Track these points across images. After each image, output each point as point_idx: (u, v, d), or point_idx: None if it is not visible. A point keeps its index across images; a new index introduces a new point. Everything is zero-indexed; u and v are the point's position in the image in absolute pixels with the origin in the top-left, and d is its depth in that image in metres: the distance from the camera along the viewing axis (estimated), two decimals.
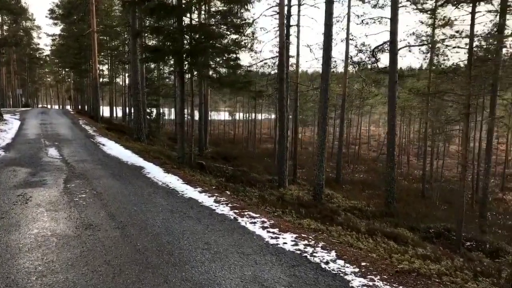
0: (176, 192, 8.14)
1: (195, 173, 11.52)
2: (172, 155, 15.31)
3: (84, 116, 32.36)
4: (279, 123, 16.46)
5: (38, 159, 11.95)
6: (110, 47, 40.31)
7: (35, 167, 10.62)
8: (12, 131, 19.22)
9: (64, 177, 9.41)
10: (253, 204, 7.56)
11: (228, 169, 14.82)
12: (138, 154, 13.59)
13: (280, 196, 11.15)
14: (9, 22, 50.22)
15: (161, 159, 12.74)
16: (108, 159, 12.37)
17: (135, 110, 19.77)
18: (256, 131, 45.12)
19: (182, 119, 12.93)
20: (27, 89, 62.01)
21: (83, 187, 8.32)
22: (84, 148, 14.75)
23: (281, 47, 15.27)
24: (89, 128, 22.43)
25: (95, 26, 28.37)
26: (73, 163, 11.41)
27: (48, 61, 62.52)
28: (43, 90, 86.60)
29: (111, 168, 10.78)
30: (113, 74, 48.95)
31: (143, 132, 19.82)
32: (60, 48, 45.62)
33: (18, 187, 8.21)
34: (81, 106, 53.36)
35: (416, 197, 20.79)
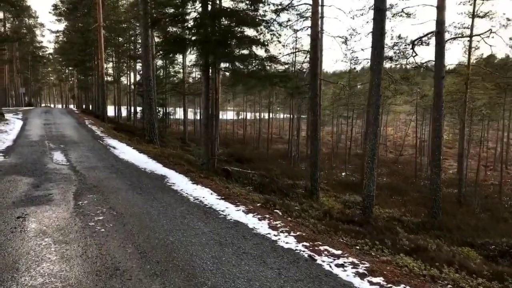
0: (215, 212, 6.48)
1: (226, 183, 9.87)
2: (191, 159, 13.69)
3: (90, 116, 30.77)
4: (312, 124, 14.80)
5: (42, 165, 10.33)
6: (115, 43, 38.66)
7: (39, 176, 9.00)
8: (13, 132, 17.63)
9: (74, 190, 7.77)
10: (322, 232, 5.90)
11: (255, 176, 13.16)
12: (155, 159, 11.96)
13: (325, 211, 9.50)
14: (12, 19, 48.65)
15: (183, 166, 11.10)
16: (123, 166, 10.74)
17: (146, 109, 18.15)
18: (269, 131, 43.35)
19: (207, 119, 11.28)
20: (30, 88, 60.55)
21: (98, 205, 6.68)
22: (93, 151, 13.12)
23: (314, 38, 13.63)
24: (96, 129, 20.83)
25: (102, 20, 26.75)
26: (82, 170, 9.78)
27: (51, 59, 61.08)
28: (46, 89, 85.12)
29: (128, 178, 9.14)
30: (118, 73, 47.36)
31: (155, 133, 18.20)
32: (64, 45, 44.10)
33: (18, 205, 6.58)
34: (86, 105, 51.85)
35: (452, 204, 19.10)
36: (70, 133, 18.18)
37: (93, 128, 21.05)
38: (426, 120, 40.20)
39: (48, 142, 14.81)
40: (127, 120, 47.88)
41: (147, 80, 17.85)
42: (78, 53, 35.17)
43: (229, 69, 10.84)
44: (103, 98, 28.17)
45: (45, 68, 68.44)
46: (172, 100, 55.75)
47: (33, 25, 55.92)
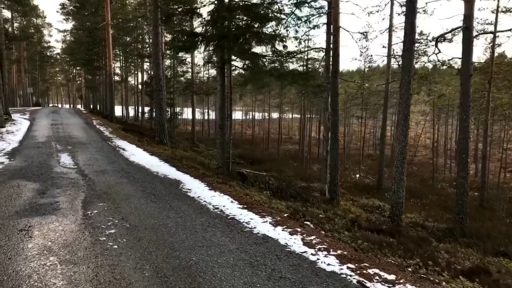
0: (239, 225, 5.80)
1: (244, 188, 9.19)
2: (204, 162, 13.04)
3: (97, 116, 30.28)
4: (332, 124, 14.07)
5: (49, 169, 9.73)
6: (123, 43, 38.12)
7: (45, 181, 8.38)
8: (20, 133, 17.11)
9: (83, 197, 7.13)
10: (365, 250, 5.19)
11: (271, 179, 12.47)
12: (167, 162, 11.31)
13: (352, 220, 8.79)
14: (20, 19, 48.38)
15: (197, 169, 10.44)
16: (134, 169, 10.10)
17: (157, 109, 17.53)
18: (279, 131, 42.56)
19: (223, 120, 10.60)
20: (37, 88, 60.36)
21: (109, 215, 6.03)
22: (102, 153, 12.51)
23: (334, 34, 12.91)
24: (104, 129, 20.27)
25: (110, 18, 26.20)
26: (91, 174, 9.16)
27: (58, 59, 60.88)
28: (53, 89, 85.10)
29: (140, 183, 8.49)
30: (126, 72, 46.90)
31: (165, 134, 17.56)
32: (72, 44, 43.73)
33: (22, 215, 5.95)
34: (93, 105, 51.49)
35: (476, 209, 18.25)
36: (78, 134, 17.61)
37: (101, 129, 20.49)
38: (441, 121, 39.27)
39: (55, 144, 14.24)
40: (135, 120, 47.42)
41: (157, 79, 17.22)
42: (86, 52, 34.70)
43: (248, 67, 10.13)
44: (111, 98, 27.62)
45: (53, 68, 68.33)
46: (179, 100, 55.21)
47: (41, 24, 55.69)
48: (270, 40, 9.83)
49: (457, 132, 42.46)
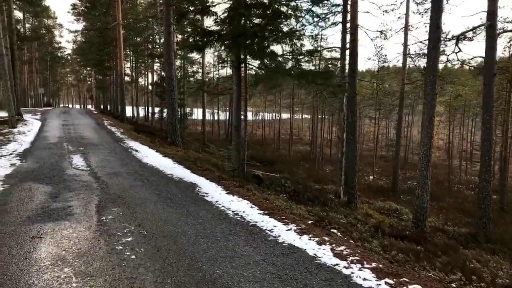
0: (262, 233, 5.47)
1: (261, 192, 8.86)
2: (219, 164, 12.73)
3: (108, 116, 30.20)
4: (349, 126, 13.68)
5: (61, 171, 9.49)
6: (133, 43, 38.02)
7: (57, 183, 8.13)
8: (31, 134, 16.98)
9: (96, 201, 6.86)
10: (401, 262, 4.83)
11: (287, 182, 12.11)
12: (181, 164, 11.02)
13: (375, 226, 8.40)
14: (31, 20, 48.60)
15: (212, 172, 10.14)
16: (147, 171, 9.82)
17: (169, 110, 17.27)
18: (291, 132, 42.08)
19: (239, 121, 10.26)
20: (48, 88, 60.68)
21: (125, 221, 5.74)
22: (115, 155, 12.27)
23: (353, 32, 12.52)
24: (116, 130, 20.08)
25: (121, 18, 26.06)
26: (104, 177, 8.89)
27: (69, 60, 61.17)
28: (64, 89, 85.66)
29: (154, 186, 8.21)
30: (136, 73, 46.87)
31: (177, 135, 17.30)
32: (82, 45, 43.83)
33: (34, 221, 5.68)
34: (103, 106, 51.58)
35: (496, 213, 17.67)
36: (90, 134, 17.43)
37: (113, 129, 20.31)
38: (455, 121, 38.50)
39: (67, 145, 14.05)
40: (145, 121, 47.39)
41: (169, 80, 16.97)
42: (96, 53, 34.70)
43: (265, 66, 9.77)
44: (122, 98, 27.49)
45: (64, 68, 68.73)
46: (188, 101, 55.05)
47: (52, 25, 55.96)
48: (288, 38, 9.49)
49: (472, 134, 41.73)
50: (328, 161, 34.87)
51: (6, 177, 8.58)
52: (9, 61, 20.61)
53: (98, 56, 35.48)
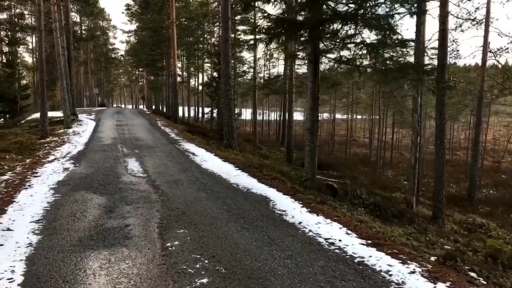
0: (378, 276, 4.07)
1: (341, 207, 7.43)
2: (284, 170, 11.42)
3: (161, 117, 29.84)
4: (437, 129, 11.93)
5: (116, 177, 8.57)
6: (186, 42, 37.63)
7: (112, 194, 7.16)
8: (86, 134, 16.54)
9: (158, 218, 5.76)
10: None
11: (363, 193, 10.56)
12: (245, 171, 9.81)
13: (491, 255, 6.73)
14: (88, 21, 49.91)
15: (282, 181, 8.83)
16: (209, 179, 8.68)
17: (225, 110, 16.19)
18: (347, 133, 40.08)
19: (314, 123, 8.87)
20: (103, 89, 62.35)
21: (195, 250, 4.56)
22: (172, 158, 11.30)
23: (442, 21, 10.78)
24: (170, 131, 19.35)
25: (174, 16, 25.49)
26: (164, 186, 7.84)
27: (122, 61, 62.57)
28: (117, 90, 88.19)
29: (221, 199, 7.02)
30: (188, 73, 46.72)
31: (234, 137, 16.19)
32: (135, 45, 44.28)
33: (86, 246, 4.64)
34: (155, 106, 52.03)
35: None
36: (144, 135, 16.74)
37: (167, 130, 19.61)
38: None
39: (122, 147, 13.31)
40: (195, 121, 47.16)
41: (226, 78, 15.89)
42: (149, 53, 34.62)
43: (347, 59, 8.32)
44: (175, 98, 26.94)
45: (117, 69, 70.50)
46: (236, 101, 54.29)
47: (106, 27, 57.34)
48: (381, 25, 7.96)
49: None
50: (389, 165, 32.64)
51: (59, 185, 7.74)
52: (66, 61, 20.49)
53: (150, 56, 35.42)
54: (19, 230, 5.18)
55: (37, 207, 6.21)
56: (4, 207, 6.20)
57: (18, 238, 4.90)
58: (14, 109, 28.63)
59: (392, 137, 37.58)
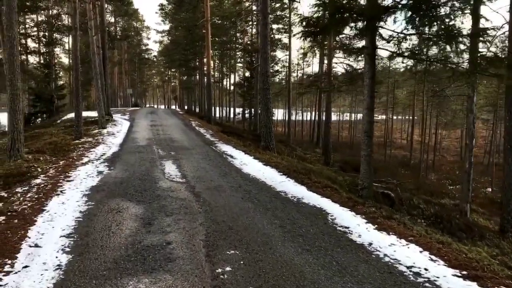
0: None
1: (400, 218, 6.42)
2: (331, 176, 10.50)
3: (194, 117, 29.41)
4: (507, 132, 10.66)
5: (153, 182, 7.90)
6: (220, 41, 37.13)
7: (150, 202, 6.46)
8: (121, 135, 16.13)
9: (203, 234, 5.00)
10: None
11: (420, 203, 9.49)
12: (290, 177, 8.93)
13: None
14: (122, 21, 50.36)
15: (334, 190, 7.90)
16: (253, 186, 7.87)
17: (263, 111, 15.38)
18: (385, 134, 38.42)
19: (371, 125, 7.92)
20: (136, 89, 62.94)
21: (251, 280, 3.76)
22: (210, 162, 10.58)
23: None
24: (205, 132, 18.72)
25: (209, 14, 24.93)
26: (205, 193, 7.09)
27: (155, 62, 62.98)
28: (150, 90, 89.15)
29: (271, 210, 6.19)
30: (221, 73, 46.30)
31: (272, 138, 15.36)
32: (169, 45, 44.23)
33: (122, 270, 3.91)
34: (187, 106, 51.98)
35: None
36: (179, 136, 16.16)
37: (201, 131, 19.00)
38: None
39: (157, 148, 12.73)
40: (226, 121, 46.73)
41: (264, 77, 15.07)
42: (182, 52, 34.29)
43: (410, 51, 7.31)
44: (209, 98, 26.39)
45: (150, 70, 71.10)
46: None
47: (140, 28, 57.78)
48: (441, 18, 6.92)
49: None
50: (431, 168, 30.94)
51: (92, 191, 7.13)
52: (101, 60, 20.27)
53: (183, 55, 35.12)
54: (47, 247, 4.53)
55: (69, 218, 5.58)
56: (34, 217, 5.61)
57: (46, 257, 4.24)
58: (51, 109, 28.89)
59: (435, 139, 35.69)
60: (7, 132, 11.05)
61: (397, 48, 8.02)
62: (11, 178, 8.48)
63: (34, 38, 30.58)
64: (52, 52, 32.63)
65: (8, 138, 10.51)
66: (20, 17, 29.84)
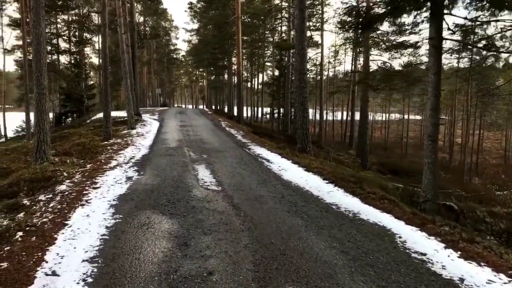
0: None
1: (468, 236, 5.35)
2: (382, 184, 9.44)
3: (223, 117, 28.70)
4: None
5: (187, 190, 7.11)
6: (248, 41, 36.33)
7: (185, 215, 5.66)
8: (150, 136, 15.54)
9: (250, 262, 4.14)
10: None
11: (486, 216, 8.31)
12: (339, 186, 7.95)
13: None
14: (151, 21, 50.33)
15: (393, 202, 6.87)
16: (298, 197, 6.95)
17: (299, 110, 14.42)
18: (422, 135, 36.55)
19: (436, 128, 6.86)
20: (164, 89, 63.00)
21: None
22: (245, 166, 9.73)
23: None
24: (236, 132, 17.93)
25: (240, 11, 24.15)
26: (245, 205, 6.23)
27: (183, 62, 62.92)
28: (178, 90, 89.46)
29: (326, 229, 5.26)
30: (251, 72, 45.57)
31: (309, 140, 14.39)
32: (197, 45, 43.82)
33: None
34: (215, 106, 51.53)
35: None
36: (209, 137, 15.41)
37: (232, 132, 18.21)
38: None
39: (188, 150, 12.00)
40: (254, 121, 45.95)
41: (300, 74, 14.12)
42: (211, 51, 33.69)
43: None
44: (239, 98, 25.65)
45: (178, 70, 71.16)
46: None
47: (169, 27, 57.73)
48: None
49: None
50: (474, 172, 29.14)
51: (120, 200, 6.39)
52: (130, 59, 19.83)
53: (212, 54, 34.53)
54: (66, 276, 3.77)
55: (93, 235, 4.83)
56: (54, 233, 4.88)
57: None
58: (81, 108, 28.85)
59: (479, 141, 33.66)
60: (33, 134, 10.56)
61: (464, 38, 6.91)
62: (35, 183, 7.92)
63: (65, 38, 30.65)
64: (82, 52, 32.68)
65: (34, 139, 10.00)
66: (51, 17, 29.99)
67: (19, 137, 24.89)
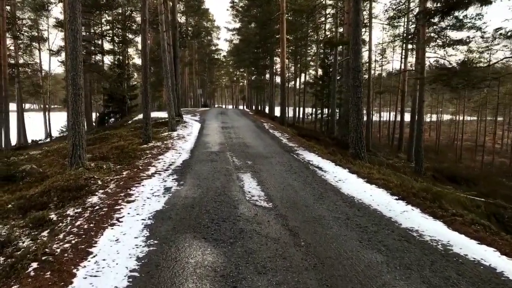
0: None
1: None
2: (462, 200, 8.03)
3: (265, 118, 27.69)
4: None
5: (232, 206, 6.10)
6: (294, 38, 35.08)
7: (231, 242, 4.64)
8: (191, 138, 14.75)
9: None
10: None
11: None
12: (412, 204, 6.62)
13: None
14: (192, 20, 50.20)
15: (489, 229, 5.49)
16: (367, 220, 5.72)
17: (353, 112, 13.06)
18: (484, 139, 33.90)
19: None
20: (205, 90, 62.89)
21: None
22: (296, 176, 8.61)
23: None
24: (280, 135, 16.80)
25: (285, 8, 23.01)
26: (303, 230, 5.13)
27: (224, 62, 62.66)
28: (219, 90, 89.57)
29: (415, 271, 4.05)
30: (295, 72, 44.35)
31: (363, 145, 13.04)
32: (239, 44, 43.11)
33: None
34: (256, 106, 50.69)
35: None
36: (253, 141, 14.40)
37: (276, 134, 17.11)
38: None
39: (231, 155, 11.04)
40: (296, 122, 44.66)
41: (355, 72, 12.78)
42: (253, 50, 32.78)
43: None
44: (282, 98, 24.51)
45: (219, 71, 71.02)
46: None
47: (210, 27, 57.51)
48: None
49: None
50: None
51: (156, 219, 5.45)
52: (171, 58, 19.19)
53: (254, 54, 33.62)
54: None
55: (120, 271, 3.87)
56: (74, 267, 3.97)
57: None
58: (123, 109, 28.78)
59: None
60: (68, 137, 9.95)
61: None
62: (66, 193, 7.20)
63: (108, 39, 30.76)
64: (125, 52, 32.73)
65: (69, 143, 9.35)
66: (95, 17, 30.16)
67: (63, 138, 25.04)
